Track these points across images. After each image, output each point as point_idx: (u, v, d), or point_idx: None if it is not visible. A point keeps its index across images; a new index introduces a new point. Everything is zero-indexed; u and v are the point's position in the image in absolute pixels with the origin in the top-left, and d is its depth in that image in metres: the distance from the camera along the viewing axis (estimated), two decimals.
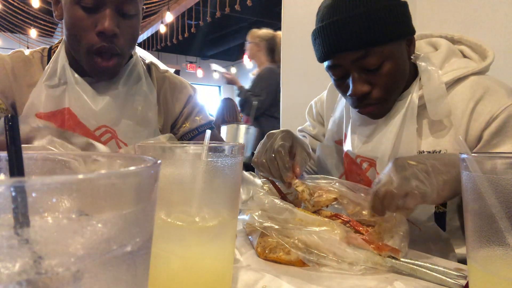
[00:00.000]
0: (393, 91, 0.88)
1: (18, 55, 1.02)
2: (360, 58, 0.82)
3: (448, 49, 0.93)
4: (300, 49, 2.23)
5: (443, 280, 0.57)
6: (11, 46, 7.42)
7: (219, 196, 0.48)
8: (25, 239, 0.19)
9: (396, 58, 0.84)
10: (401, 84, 0.89)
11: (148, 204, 0.24)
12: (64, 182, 0.20)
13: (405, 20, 0.86)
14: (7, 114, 0.25)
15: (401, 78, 0.88)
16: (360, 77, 0.85)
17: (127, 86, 1.03)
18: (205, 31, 9.04)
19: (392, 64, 0.84)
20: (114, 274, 0.22)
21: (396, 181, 0.67)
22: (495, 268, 0.38)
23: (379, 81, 0.85)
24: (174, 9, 6.44)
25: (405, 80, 0.90)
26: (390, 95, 0.88)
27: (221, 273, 0.48)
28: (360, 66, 0.84)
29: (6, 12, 6.47)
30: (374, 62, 0.82)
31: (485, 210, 0.37)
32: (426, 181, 0.66)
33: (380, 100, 0.87)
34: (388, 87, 0.86)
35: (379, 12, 0.81)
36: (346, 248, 0.62)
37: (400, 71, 0.87)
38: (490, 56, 0.91)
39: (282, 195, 0.81)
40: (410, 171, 0.67)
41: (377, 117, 0.92)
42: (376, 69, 0.83)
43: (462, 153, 0.40)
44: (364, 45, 0.81)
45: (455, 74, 0.87)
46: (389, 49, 0.83)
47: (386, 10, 0.82)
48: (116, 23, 0.90)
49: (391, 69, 0.84)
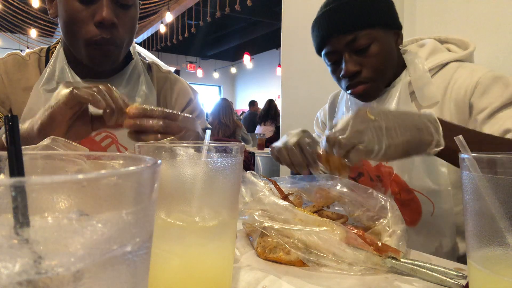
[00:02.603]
0: (380, 73, 0.99)
1: (13, 58, 1.01)
2: (351, 41, 0.96)
3: (434, 46, 1.05)
4: (300, 49, 2.23)
5: (443, 280, 0.57)
6: (11, 46, 7.43)
7: (219, 196, 0.48)
8: (25, 239, 0.19)
9: (383, 43, 0.97)
10: (388, 68, 1.00)
11: (148, 204, 0.24)
12: (64, 182, 0.20)
13: (390, 13, 1.01)
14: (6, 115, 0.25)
15: (388, 62, 0.99)
16: (351, 58, 0.97)
17: (127, 88, 1.03)
18: (205, 31, 9.05)
19: (379, 46, 0.96)
20: (114, 274, 0.22)
21: (348, 132, 0.72)
22: (495, 268, 0.38)
23: (368, 62, 0.97)
24: (174, 9, 6.44)
25: (393, 66, 1.01)
26: (378, 76, 0.99)
27: (221, 273, 0.48)
28: (351, 48, 0.97)
29: (6, 12, 6.47)
30: (363, 42, 0.95)
31: (485, 210, 0.37)
32: (377, 140, 0.70)
33: (369, 79, 0.98)
34: (376, 67, 0.97)
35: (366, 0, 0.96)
36: (345, 249, 0.62)
37: (387, 55, 0.98)
38: (471, 46, 1.03)
39: (283, 195, 0.81)
40: (365, 126, 0.71)
41: (367, 98, 1.03)
42: (365, 50, 0.96)
43: (462, 153, 0.40)
44: (354, 27, 0.95)
45: (437, 61, 1.00)
46: (376, 33, 0.96)
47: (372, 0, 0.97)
48: (114, 13, 0.90)
49: (378, 51, 0.96)
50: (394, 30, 1.01)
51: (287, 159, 0.91)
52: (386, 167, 1.01)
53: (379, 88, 1.01)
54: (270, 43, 10.47)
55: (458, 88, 0.94)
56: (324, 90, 1.40)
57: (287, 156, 0.91)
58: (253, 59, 11.82)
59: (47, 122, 0.73)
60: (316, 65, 2.16)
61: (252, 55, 11.52)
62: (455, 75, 0.96)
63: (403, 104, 0.98)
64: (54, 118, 0.73)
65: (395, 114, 0.73)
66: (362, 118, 0.72)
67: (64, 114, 0.73)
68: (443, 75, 0.98)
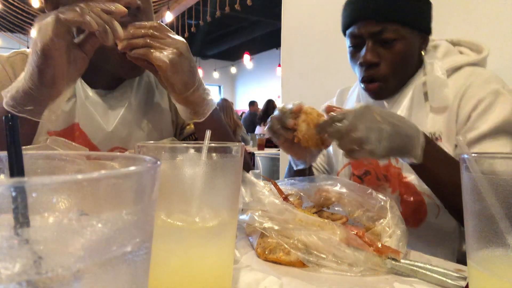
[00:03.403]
0: (397, 72, 0.97)
1: (20, 57, 0.95)
2: (377, 32, 0.94)
3: (447, 48, 1.04)
4: (300, 49, 2.23)
5: (443, 281, 0.57)
6: (11, 46, 7.42)
7: (219, 196, 0.48)
8: (25, 239, 0.19)
9: (408, 43, 0.95)
10: (406, 69, 0.99)
11: (148, 204, 0.24)
12: (64, 182, 0.19)
13: (424, 15, 0.98)
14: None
15: (408, 63, 0.98)
16: (373, 47, 0.96)
17: (138, 98, 0.98)
18: (205, 30, 9.05)
19: (403, 46, 0.95)
20: (114, 274, 0.22)
21: (354, 127, 0.73)
22: (495, 269, 0.38)
23: (388, 57, 0.95)
24: (174, 9, 6.45)
25: (411, 68, 1.00)
26: (394, 75, 0.97)
27: (221, 273, 0.48)
28: (376, 39, 0.95)
29: (6, 12, 6.48)
30: (389, 36, 0.94)
31: (485, 211, 0.37)
32: (377, 143, 0.73)
33: (385, 77, 0.96)
34: (395, 65, 0.96)
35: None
36: (345, 249, 0.62)
37: (409, 56, 0.97)
38: (485, 50, 1.01)
39: (283, 196, 0.81)
40: (370, 126, 0.73)
41: (379, 96, 1.02)
42: (389, 45, 0.94)
43: (462, 153, 0.40)
44: (385, 18, 0.93)
45: (452, 64, 0.98)
46: (404, 31, 0.94)
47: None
48: None
49: (401, 49, 0.95)
50: (423, 34, 0.99)
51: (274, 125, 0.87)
52: (396, 168, 1.00)
53: (394, 88, 1.01)
54: (270, 43, 10.48)
55: (469, 98, 0.92)
56: (324, 90, 1.40)
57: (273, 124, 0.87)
58: (253, 59, 11.82)
59: (46, 64, 0.67)
60: (316, 65, 2.16)
61: (252, 55, 11.52)
62: (468, 82, 0.94)
63: (416, 104, 0.98)
64: (51, 56, 0.67)
65: (399, 121, 0.77)
66: (369, 117, 0.74)
67: (58, 48, 0.67)
68: (456, 79, 0.97)
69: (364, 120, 0.74)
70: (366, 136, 0.73)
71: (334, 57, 1.98)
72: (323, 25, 2.05)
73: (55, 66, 0.69)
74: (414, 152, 0.76)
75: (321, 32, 2.06)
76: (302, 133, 0.81)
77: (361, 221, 0.75)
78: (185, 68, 0.78)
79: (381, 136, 0.73)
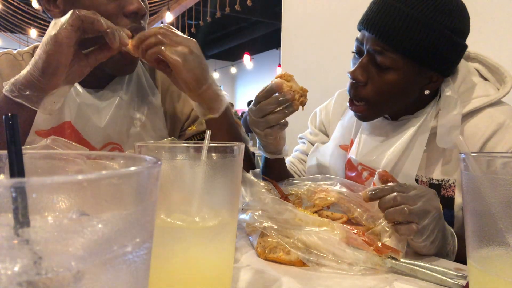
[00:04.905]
0: (382, 102, 0.89)
1: (5, 57, 0.94)
2: (375, 51, 0.84)
3: (465, 69, 0.91)
4: (300, 49, 2.23)
5: (443, 281, 0.57)
6: (11, 46, 7.42)
7: (219, 196, 0.48)
8: (25, 240, 0.19)
9: (403, 79, 0.85)
10: (394, 104, 0.90)
11: (148, 204, 0.24)
12: (64, 182, 0.20)
13: (445, 56, 0.84)
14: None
15: (396, 99, 0.89)
16: (365, 65, 0.87)
17: (129, 95, 0.98)
18: (205, 31, 9.05)
19: (396, 78, 0.85)
20: (114, 275, 0.22)
21: (418, 207, 0.67)
22: (495, 268, 0.38)
23: (376, 82, 0.86)
24: (174, 9, 6.44)
25: (401, 104, 0.91)
26: (378, 104, 0.89)
27: (221, 273, 0.48)
28: (372, 57, 0.86)
29: (6, 12, 6.48)
30: (383, 61, 0.84)
31: (485, 210, 0.37)
32: (432, 236, 0.68)
33: (367, 101, 0.88)
34: (380, 93, 0.87)
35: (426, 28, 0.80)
36: (345, 249, 0.63)
37: (399, 92, 0.87)
38: (508, 83, 0.88)
39: (283, 195, 0.81)
40: (433, 217, 0.68)
41: (364, 119, 0.95)
42: (381, 70, 0.85)
43: (462, 153, 0.40)
44: (386, 40, 0.83)
45: (472, 106, 0.86)
46: (403, 64, 0.84)
47: (435, 34, 0.81)
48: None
49: (391, 81, 0.85)
50: (433, 72, 0.86)
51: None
52: None
53: (377, 114, 0.94)
54: (270, 43, 10.48)
55: (490, 149, 0.84)
56: (324, 90, 1.39)
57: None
58: (253, 59, 11.82)
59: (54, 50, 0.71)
60: (316, 65, 2.16)
61: (252, 55, 11.53)
62: (488, 145, 0.84)
63: (418, 141, 0.88)
64: (61, 43, 0.71)
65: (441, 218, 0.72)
66: (436, 207, 0.69)
67: (70, 37, 0.71)
68: (474, 131, 0.85)
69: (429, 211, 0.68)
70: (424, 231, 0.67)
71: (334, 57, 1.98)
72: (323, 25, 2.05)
73: (62, 54, 0.72)
74: (451, 247, 0.74)
75: (321, 32, 2.06)
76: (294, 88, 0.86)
77: (361, 221, 0.75)
78: (197, 65, 0.81)
79: (436, 238, 0.69)
